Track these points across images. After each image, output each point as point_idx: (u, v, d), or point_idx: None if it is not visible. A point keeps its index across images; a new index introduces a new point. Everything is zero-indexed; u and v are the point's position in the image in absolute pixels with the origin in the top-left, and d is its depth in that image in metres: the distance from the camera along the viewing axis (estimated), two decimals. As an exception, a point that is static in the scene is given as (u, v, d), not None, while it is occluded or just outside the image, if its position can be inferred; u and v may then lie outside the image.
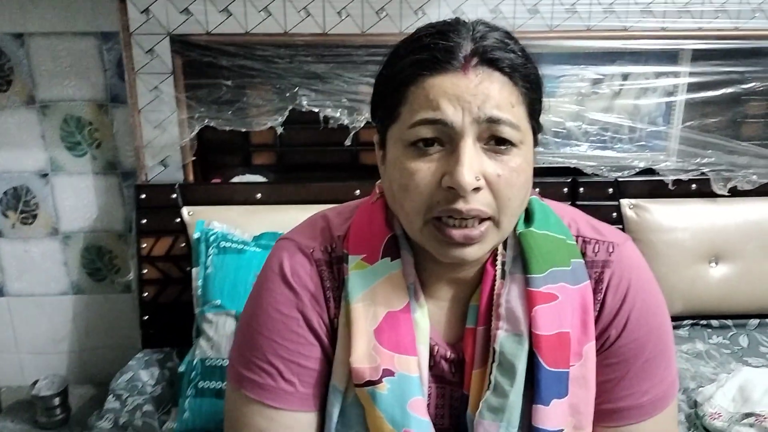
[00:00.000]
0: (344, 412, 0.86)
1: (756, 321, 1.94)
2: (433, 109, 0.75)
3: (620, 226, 1.93)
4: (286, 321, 0.87)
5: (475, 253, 0.80)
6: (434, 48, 0.77)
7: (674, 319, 1.91)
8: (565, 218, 0.92)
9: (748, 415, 1.48)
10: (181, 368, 1.61)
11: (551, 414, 0.81)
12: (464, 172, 0.74)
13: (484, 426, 0.82)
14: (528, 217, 0.90)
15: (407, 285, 0.86)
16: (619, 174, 1.94)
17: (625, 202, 1.94)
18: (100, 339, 2.15)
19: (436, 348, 0.88)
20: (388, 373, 0.82)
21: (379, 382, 0.82)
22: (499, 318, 0.84)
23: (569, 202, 1.91)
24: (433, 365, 0.89)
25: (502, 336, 0.83)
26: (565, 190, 1.93)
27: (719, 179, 1.94)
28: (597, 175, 1.94)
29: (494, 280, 0.87)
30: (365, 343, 0.83)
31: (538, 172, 1.92)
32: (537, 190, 0.95)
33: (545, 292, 0.83)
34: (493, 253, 0.88)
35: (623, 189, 1.95)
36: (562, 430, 0.82)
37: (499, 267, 0.87)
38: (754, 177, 1.93)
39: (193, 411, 1.53)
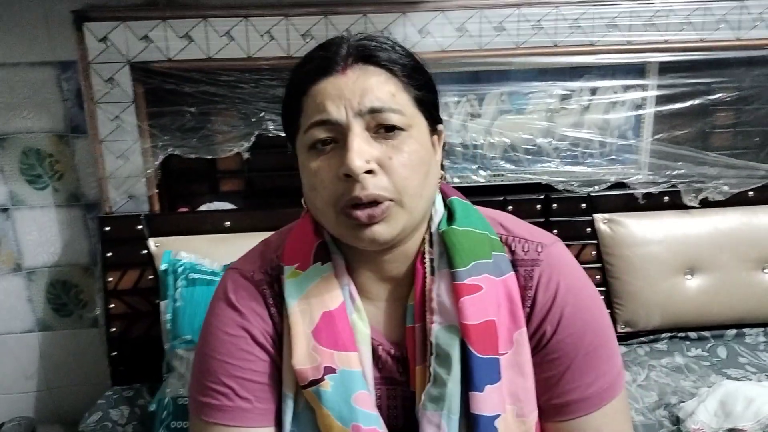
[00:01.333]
0: (297, 418, 0.89)
1: (733, 331, 1.94)
2: (320, 111, 0.83)
3: (595, 242, 1.92)
4: (234, 341, 0.91)
5: (383, 231, 0.84)
6: (318, 58, 0.86)
7: (653, 332, 1.93)
8: (495, 220, 0.98)
9: (731, 430, 1.47)
10: (152, 407, 1.56)
11: (487, 399, 0.84)
12: (353, 157, 0.80)
13: (428, 416, 0.85)
14: (450, 216, 0.95)
15: (341, 286, 0.91)
16: (591, 189, 1.94)
17: (598, 217, 1.93)
18: (69, 376, 2.08)
19: (381, 348, 0.93)
20: (329, 370, 0.86)
21: (321, 380, 0.85)
22: (432, 312, 0.88)
23: (543, 219, 1.90)
24: (382, 366, 0.93)
25: (436, 329, 0.87)
26: (539, 206, 1.92)
27: (690, 191, 1.94)
28: (569, 191, 1.93)
29: (424, 278, 0.91)
30: (305, 344, 0.87)
31: (511, 189, 1.94)
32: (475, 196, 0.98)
33: (469, 283, 0.87)
34: (422, 252, 0.93)
35: (596, 204, 1.94)
36: (499, 415, 0.85)
37: (427, 264, 0.92)
38: (725, 188, 1.94)
39: (166, 452, 1.48)
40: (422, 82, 0.89)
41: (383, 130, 0.83)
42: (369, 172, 0.81)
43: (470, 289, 0.87)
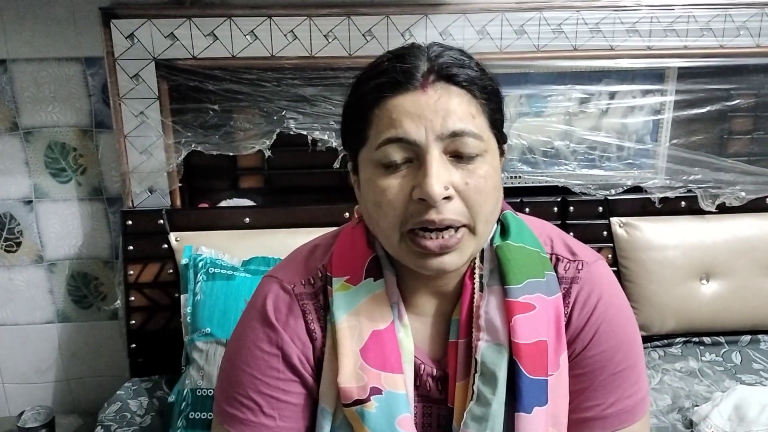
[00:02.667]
0: None
1: (748, 337, 1.94)
2: (396, 128, 0.79)
3: (611, 245, 1.93)
4: (266, 358, 0.89)
5: (453, 261, 0.82)
6: (393, 71, 0.81)
7: (667, 336, 1.93)
8: (541, 235, 0.95)
9: (744, 434, 1.47)
10: (171, 398, 1.58)
11: (533, 421, 0.83)
12: (433, 182, 0.77)
13: None
14: (504, 230, 0.93)
15: (391, 304, 0.89)
16: (608, 192, 1.94)
17: (615, 221, 1.94)
18: (87, 368, 2.11)
19: (422, 367, 0.91)
20: (375, 391, 0.84)
21: (367, 400, 0.84)
22: (479, 329, 0.87)
23: (559, 222, 1.91)
24: (420, 384, 0.91)
25: (483, 346, 0.85)
26: (555, 209, 1.93)
27: (707, 196, 1.95)
28: (585, 193, 1.94)
29: (473, 293, 0.89)
30: (352, 362, 0.85)
31: (528, 191, 1.95)
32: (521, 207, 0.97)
33: (523, 302, 0.86)
34: (471, 267, 0.91)
35: (613, 207, 1.95)
36: None
37: (477, 280, 0.90)
38: (742, 193, 1.94)
39: (184, 442, 1.50)
40: (498, 104, 0.86)
41: (459, 153, 0.80)
42: (446, 198, 0.78)
43: (523, 308, 0.86)
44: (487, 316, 0.87)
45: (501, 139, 0.88)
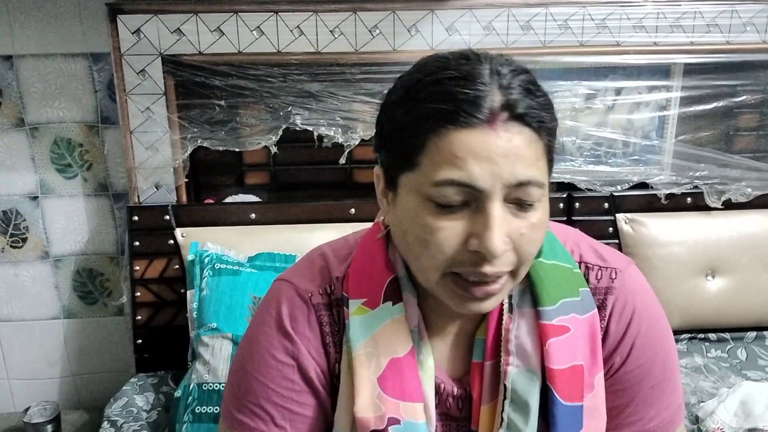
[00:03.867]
0: None
1: (753, 334, 1.94)
2: (460, 168, 0.69)
3: (617, 241, 1.93)
4: (281, 368, 0.85)
5: (492, 305, 0.78)
6: (459, 98, 0.69)
7: (673, 332, 1.92)
8: (568, 243, 0.90)
9: (751, 430, 1.48)
10: (178, 393, 1.58)
11: None
12: (495, 238, 0.70)
13: None
14: None
15: (410, 328, 0.84)
16: (614, 188, 1.94)
17: (621, 217, 1.94)
18: (93, 363, 2.11)
19: (443, 386, 0.87)
20: (393, 421, 0.80)
21: (384, 431, 0.80)
22: (509, 353, 0.82)
23: (565, 218, 1.91)
24: (439, 402, 0.87)
25: (513, 372, 0.81)
26: (561, 205, 1.93)
27: (713, 192, 1.95)
28: (591, 190, 1.94)
29: (501, 314, 0.85)
30: (369, 391, 0.81)
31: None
32: None
33: (557, 325, 0.82)
34: None
35: (619, 203, 1.95)
36: None
37: (506, 301, 0.85)
38: (748, 190, 1.94)
39: (191, 437, 1.51)
40: (554, 142, 0.77)
41: (521, 203, 0.72)
42: None
43: (558, 331, 0.81)
44: (518, 341, 0.82)
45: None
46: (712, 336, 1.94)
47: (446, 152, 0.70)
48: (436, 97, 0.71)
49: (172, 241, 1.81)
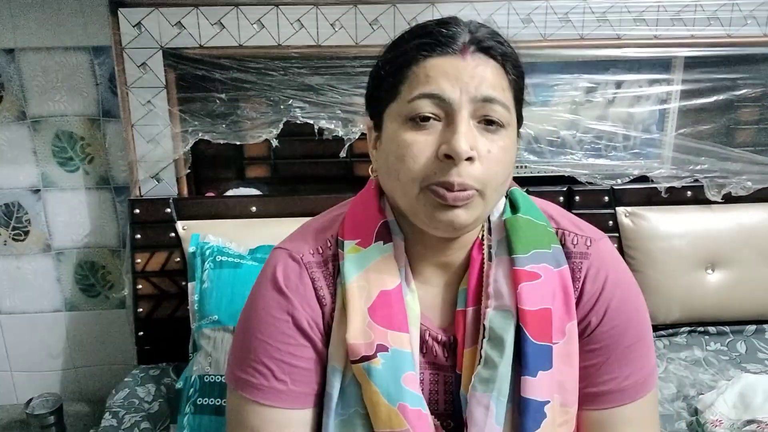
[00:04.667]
0: (343, 392, 0.90)
1: (753, 327, 1.94)
2: (432, 85, 0.83)
3: (617, 235, 1.94)
4: (277, 324, 0.92)
5: (463, 216, 0.85)
6: (437, 34, 0.85)
7: (672, 326, 1.94)
8: (547, 211, 1.00)
9: (749, 422, 1.48)
10: (179, 385, 1.59)
11: (538, 385, 0.86)
12: (461, 139, 0.81)
13: (477, 398, 0.87)
14: (513, 205, 0.97)
15: (399, 267, 0.92)
16: (614, 182, 1.94)
17: (621, 210, 1.94)
18: (95, 356, 2.12)
19: (428, 332, 0.94)
20: (381, 348, 0.87)
21: (373, 357, 0.87)
22: (488, 297, 0.90)
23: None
24: (426, 351, 0.94)
25: (491, 313, 0.89)
26: (561, 198, 1.93)
27: (713, 186, 1.95)
28: (591, 183, 1.94)
29: (482, 264, 0.93)
30: (360, 320, 0.88)
31: (534, 181, 1.95)
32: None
33: (529, 270, 0.90)
34: (478, 241, 0.95)
35: (619, 197, 1.95)
36: (548, 401, 0.87)
37: (486, 251, 0.94)
38: (748, 183, 1.94)
39: (193, 428, 1.51)
40: (523, 84, 0.91)
41: (485, 122, 0.84)
42: (468, 159, 0.82)
43: (529, 276, 0.89)
44: (496, 284, 0.90)
45: (520, 119, 0.92)
46: (711, 329, 1.94)
47: (422, 75, 0.84)
48: (419, 36, 0.87)
49: (173, 234, 1.82)
